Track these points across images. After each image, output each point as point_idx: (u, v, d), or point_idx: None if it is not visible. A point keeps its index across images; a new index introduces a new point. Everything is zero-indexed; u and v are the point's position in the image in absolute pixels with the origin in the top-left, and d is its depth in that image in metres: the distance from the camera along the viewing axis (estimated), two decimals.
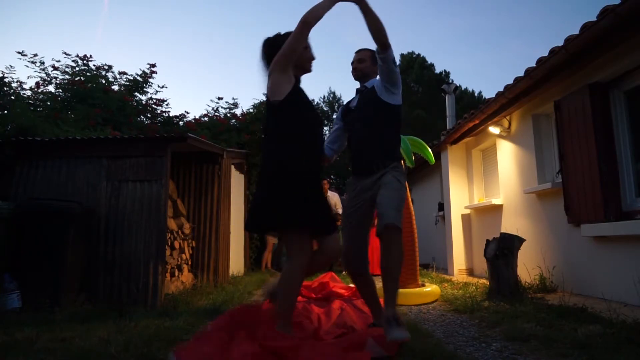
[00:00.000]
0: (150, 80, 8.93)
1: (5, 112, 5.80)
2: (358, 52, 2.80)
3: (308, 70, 2.52)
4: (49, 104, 7.82)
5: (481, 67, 45.93)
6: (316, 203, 2.28)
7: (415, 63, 22.33)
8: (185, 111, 16.35)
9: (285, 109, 2.32)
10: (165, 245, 4.18)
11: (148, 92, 9.00)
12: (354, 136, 2.69)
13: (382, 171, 2.50)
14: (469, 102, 18.72)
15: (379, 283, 2.56)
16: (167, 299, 4.03)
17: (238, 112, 9.22)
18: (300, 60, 2.41)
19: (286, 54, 2.28)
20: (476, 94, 21.56)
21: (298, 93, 2.39)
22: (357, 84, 2.83)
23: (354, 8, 2.43)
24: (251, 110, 8.90)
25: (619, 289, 3.51)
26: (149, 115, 8.95)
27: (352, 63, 2.78)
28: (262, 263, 8.20)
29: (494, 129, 5.64)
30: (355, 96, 2.77)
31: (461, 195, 6.95)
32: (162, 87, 12.49)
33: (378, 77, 2.67)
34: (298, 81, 2.45)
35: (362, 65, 2.74)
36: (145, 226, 3.99)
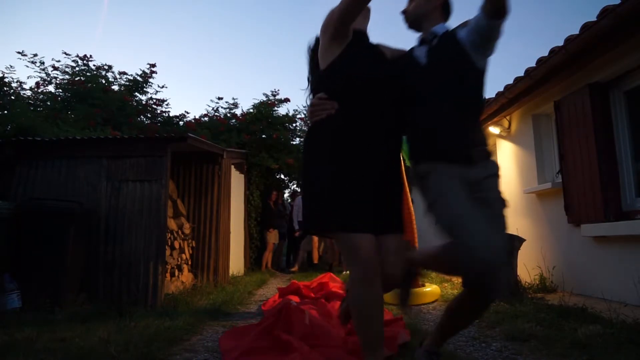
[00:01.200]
0: (150, 80, 8.96)
1: (5, 112, 5.81)
2: None
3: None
4: (49, 104, 7.83)
5: None
6: (336, 198, 1.65)
7: None
8: (185, 111, 16.42)
9: (324, 81, 1.80)
10: (165, 245, 4.18)
11: (148, 92, 9.04)
12: (427, 105, 1.73)
13: (484, 164, 1.69)
14: None
15: None
16: (167, 299, 4.04)
17: (238, 112, 9.25)
18: None
19: (340, 14, 1.69)
20: None
21: (347, 57, 1.76)
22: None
23: None
24: (251, 110, 8.90)
25: (619, 289, 3.51)
26: (149, 115, 8.97)
27: None
28: (262, 263, 8.20)
29: (494, 129, 5.63)
30: (419, 47, 1.84)
31: None
32: (162, 87, 12.51)
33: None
34: (359, 35, 1.84)
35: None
36: (145, 226, 3.99)
